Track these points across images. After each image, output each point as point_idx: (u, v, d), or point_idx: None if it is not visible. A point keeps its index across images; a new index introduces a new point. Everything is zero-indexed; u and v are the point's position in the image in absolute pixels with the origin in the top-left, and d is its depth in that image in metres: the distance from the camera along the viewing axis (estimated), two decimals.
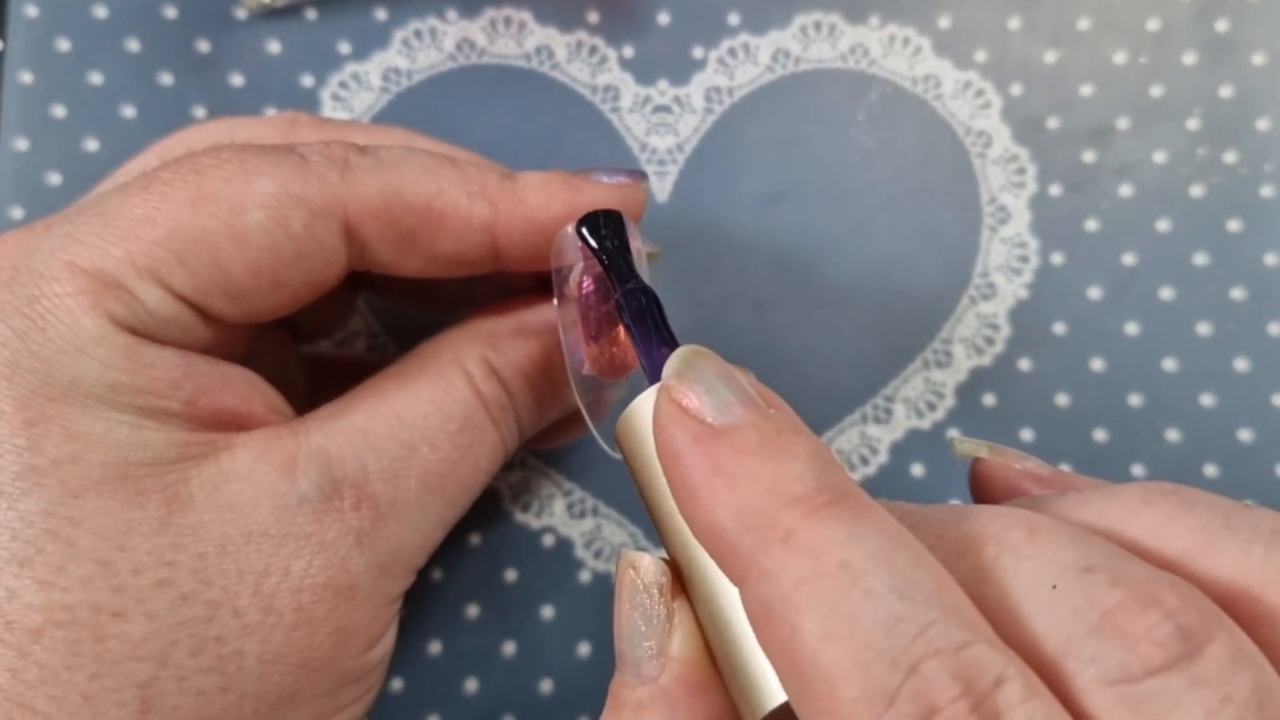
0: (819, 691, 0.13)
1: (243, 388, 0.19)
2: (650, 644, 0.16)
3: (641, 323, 0.18)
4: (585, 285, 0.19)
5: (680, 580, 0.17)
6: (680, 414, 0.15)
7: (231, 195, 0.19)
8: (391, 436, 0.20)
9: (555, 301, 0.21)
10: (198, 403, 0.19)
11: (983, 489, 0.19)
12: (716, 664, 0.16)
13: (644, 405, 0.17)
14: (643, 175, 0.22)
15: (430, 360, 0.21)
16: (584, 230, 0.19)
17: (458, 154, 0.22)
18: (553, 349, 0.22)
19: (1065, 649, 0.13)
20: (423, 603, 0.28)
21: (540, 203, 0.21)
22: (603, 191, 0.21)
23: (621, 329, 0.19)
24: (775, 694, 0.15)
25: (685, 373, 0.16)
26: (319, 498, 0.19)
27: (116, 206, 0.18)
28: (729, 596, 0.15)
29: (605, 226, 0.19)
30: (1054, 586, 0.14)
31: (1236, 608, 0.14)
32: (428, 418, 0.20)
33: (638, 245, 0.20)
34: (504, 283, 0.24)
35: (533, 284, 0.24)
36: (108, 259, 0.18)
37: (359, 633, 0.19)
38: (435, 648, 0.28)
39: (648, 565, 0.16)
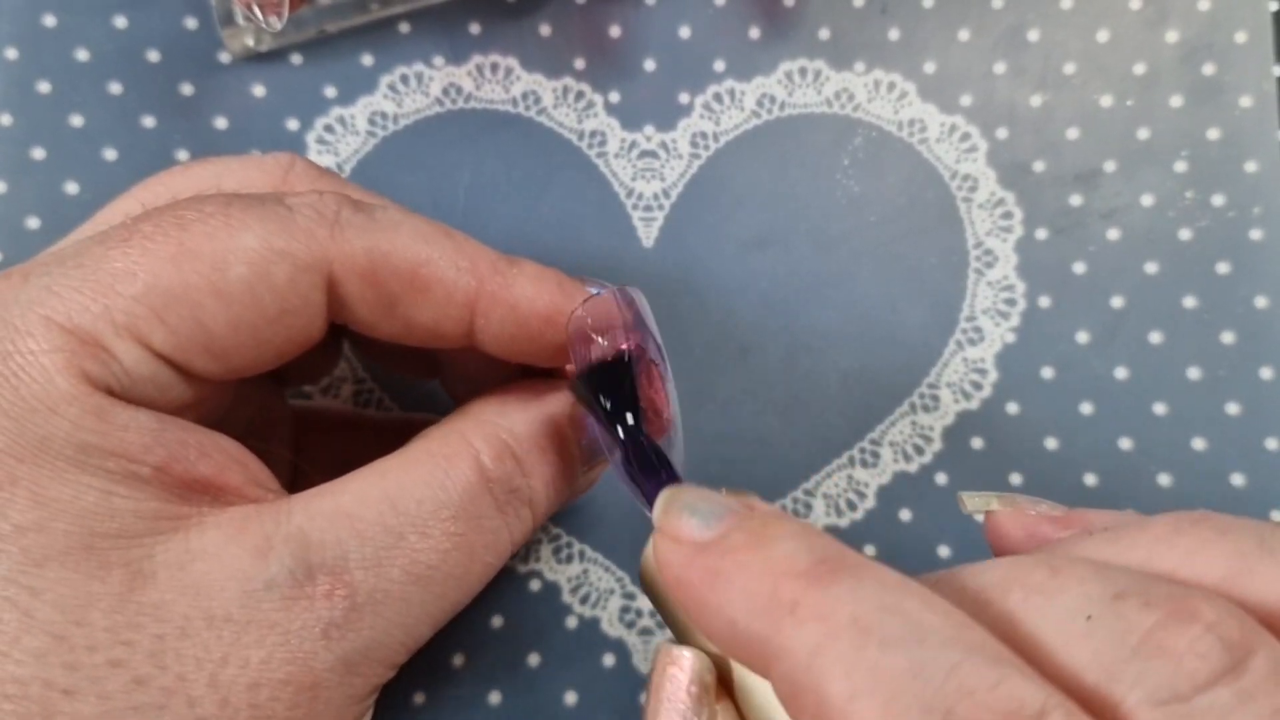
0: None
1: (219, 457, 0.19)
2: None
3: (648, 473, 0.18)
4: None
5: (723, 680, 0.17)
6: (673, 545, 0.16)
7: (214, 250, 0.18)
8: (379, 523, 0.18)
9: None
10: (170, 469, 0.18)
11: (1001, 542, 0.19)
12: None
13: (649, 555, 0.17)
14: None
15: (435, 440, 0.20)
16: (580, 386, 0.19)
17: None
18: (566, 424, 0.21)
19: (1109, 674, 0.13)
20: None
21: (528, 294, 0.20)
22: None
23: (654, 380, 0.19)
24: None
25: (668, 509, 0.17)
26: (289, 583, 0.18)
27: (97, 259, 0.18)
28: (765, 694, 0.15)
29: (605, 377, 0.19)
30: (1088, 617, 0.14)
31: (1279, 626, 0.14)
32: (421, 503, 0.19)
33: (653, 333, 0.20)
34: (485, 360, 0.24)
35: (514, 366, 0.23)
36: (85, 315, 0.17)
37: None
38: (419, 698, 0.27)
39: (691, 663, 0.16)
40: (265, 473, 0.20)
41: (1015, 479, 0.28)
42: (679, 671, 0.16)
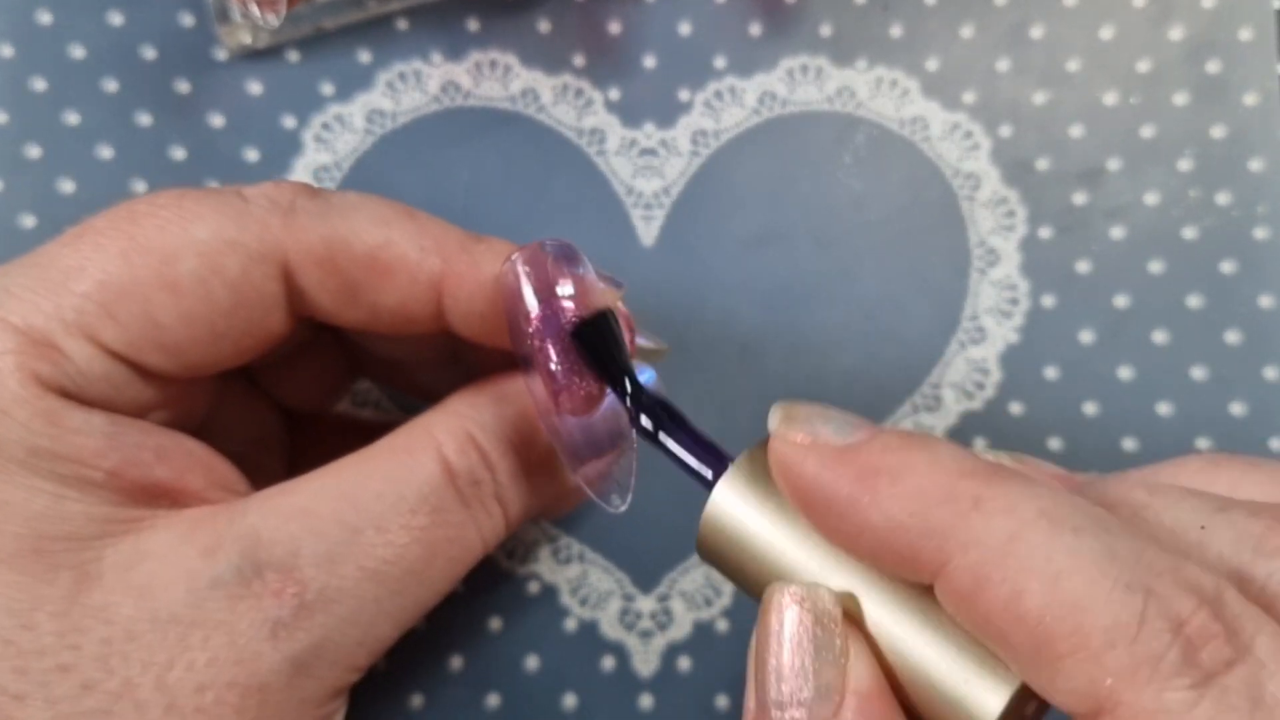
0: (1063, 634, 0.13)
1: (179, 460, 0.18)
2: (825, 681, 0.15)
3: (676, 432, 0.18)
4: (533, 320, 0.19)
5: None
6: (808, 449, 0.16)
7: (165, 243, 0.18)
8: (335, 518, 0.18)
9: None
10: (124, 474, 0.18)
11: None
12: (899, 691, 0.15)
13: (720, 502, 0.17)
14: (617, 284, 0.21)
15: (400, 434, 0.19)
16: (581, 341, 0.18)
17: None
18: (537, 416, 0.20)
19: (1239, 573, 0.14)
20: (404, 654, 0.27)
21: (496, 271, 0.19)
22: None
23: (553, 357, 0.18)
24: (1002, 684, 0.14)
25: (792, 416, 0.16)
26: (236, 581, 0.17)
27: (50, 257, 0.18)
28: (901, 614, 0.15)
29: (599, 333, 0.18)
30: (1202, 526, 0.15)
31: None
32: (380, 497, 0.18)
33: (646, 342, 0.19)
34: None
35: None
36: (38, 314, 0.17)
37: None
38: (417, 701, 0.27)
39: (823, 594, 0.15)
40: (233, 475, 0.19)
41: None
42: (799, 607, 0.15)
